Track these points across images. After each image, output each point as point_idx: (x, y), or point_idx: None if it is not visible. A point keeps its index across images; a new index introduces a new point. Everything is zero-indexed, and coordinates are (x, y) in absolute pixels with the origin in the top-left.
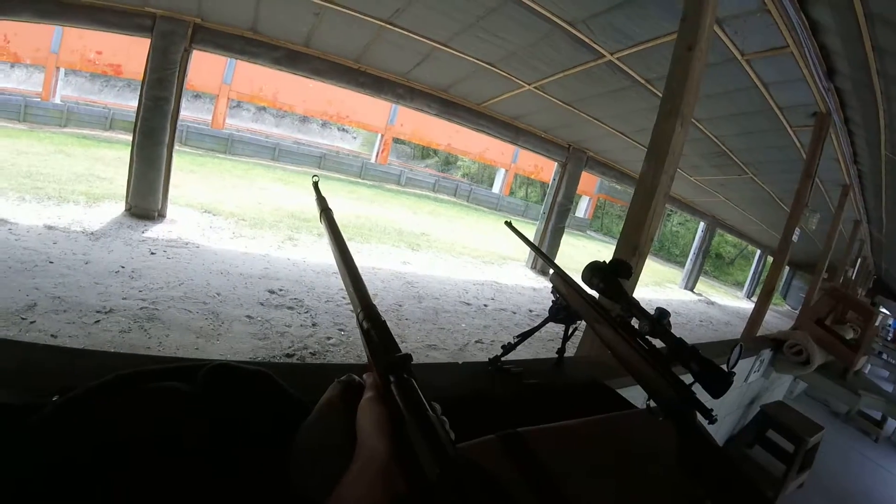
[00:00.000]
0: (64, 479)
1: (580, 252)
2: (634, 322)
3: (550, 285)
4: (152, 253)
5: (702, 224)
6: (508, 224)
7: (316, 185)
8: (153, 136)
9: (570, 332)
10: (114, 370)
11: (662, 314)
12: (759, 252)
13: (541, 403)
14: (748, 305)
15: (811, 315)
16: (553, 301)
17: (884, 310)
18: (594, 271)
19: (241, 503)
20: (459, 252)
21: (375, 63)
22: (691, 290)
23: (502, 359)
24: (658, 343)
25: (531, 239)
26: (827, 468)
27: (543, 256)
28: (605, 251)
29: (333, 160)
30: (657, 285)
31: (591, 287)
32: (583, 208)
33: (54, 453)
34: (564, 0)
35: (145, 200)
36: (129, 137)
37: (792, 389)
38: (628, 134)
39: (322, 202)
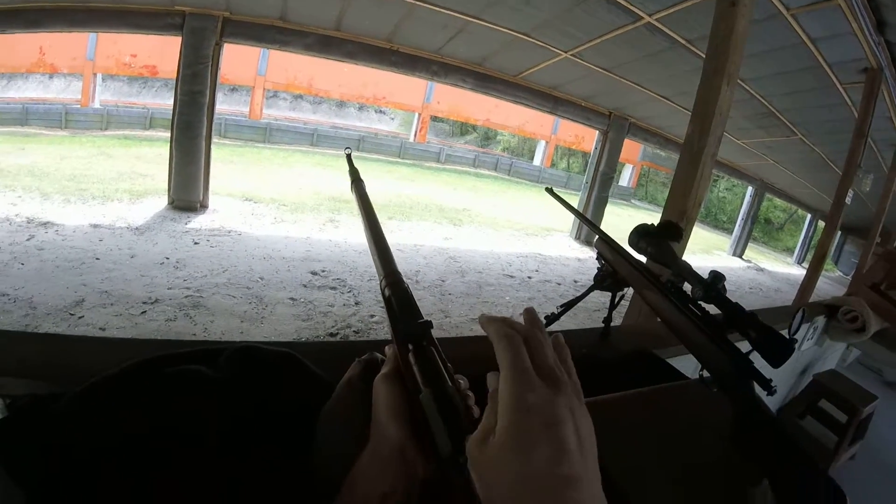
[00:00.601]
0: (88, 473)
1: (625, 221)
2: (686, 288)
3: (595, 255)
4: (195, 243)
5: (749, 189)
6: (549, 190)
7: (349, 156)
8: (190, 129)
9: (616, 300)
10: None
11: (717, 278)
12: (809, 216)
13: (588, 375)
14: (799, 272)
15: (865, 280)
16: (598, 268)
17: None
18: (641, 235)
19: (263, 489)
20: (502, 226)
21: (408, 41)
22: (740, 256)
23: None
24: (713, 310)
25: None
26: (880, 439)
27: (587, 221)
28: (650, 219)
29: (372, 142)
30: (705, 252)
31: (639, 252)
32: (626, 177)
33: (73, 443)
34: None
35: (187, 193)
36: (168, 134)
37: (845, 358)
38: (671, 98)
39: (354, 173)
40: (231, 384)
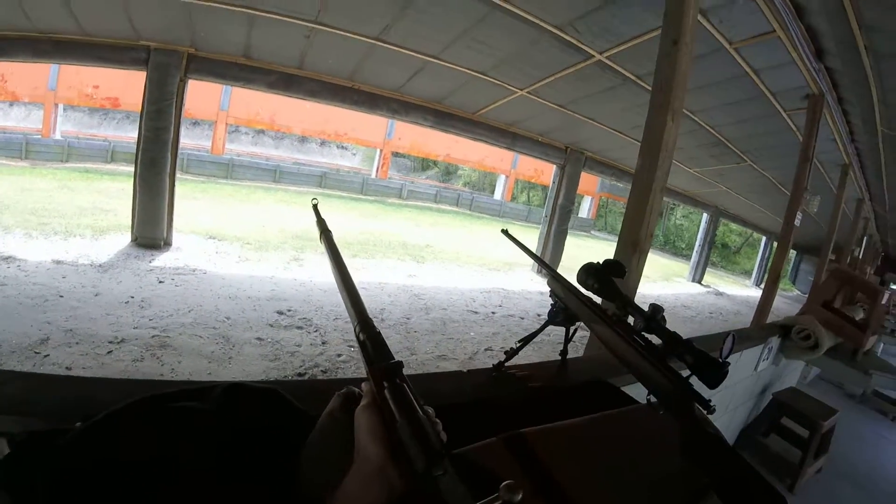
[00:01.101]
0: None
1: (585, 252)
2: (631, 320)
3: (549, 293)
4: (160, 281)
5: (705, 215)
6: (505, 232)
7: (315, 207)
8: (154, 166)
9: (570, 333)
10: (129, 395)
11: (656, 310)
12: (764, 239)
13: (546, 405)
14: (757, 293)
15: (818, 298)
16: (552, 305)
17: (895, 286)
18: (588, 273)
19: None
20: (465, 261)
21: (369, 80)
22: (699, 282)
23: (506, 364)
24: (656, 340)
25: (535, 243)
26: (844, 451)
27: (539, 261)
28: (609, 250)
29: (334, 178)
30: (665, 280)
31: (587, 288)
32: (585, 208)
33: (82, 472)
34: (549, 4)
35: (150, 230)
36: (131, 168)
37: (805, 374)
38: (624, 131)
39: (322, 224)
40: (220, 417)
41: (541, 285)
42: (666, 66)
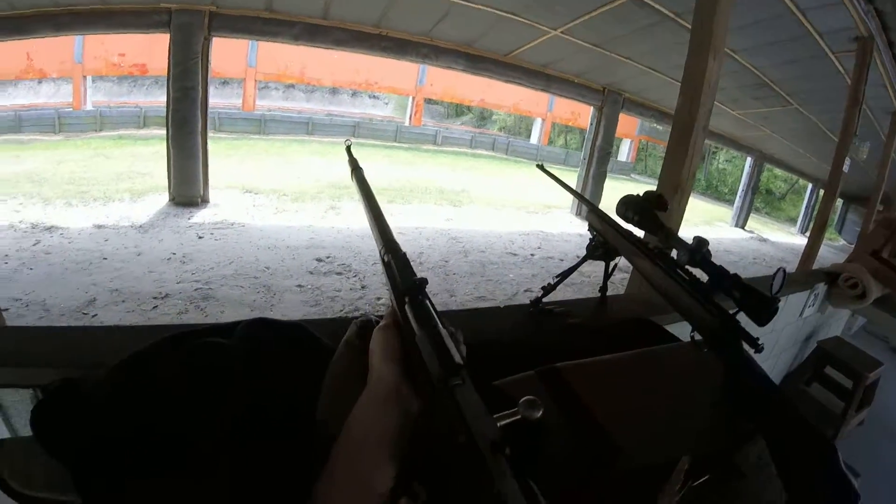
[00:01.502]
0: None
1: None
2: (675, 254)
3: (587, 227)
4: (200, 237)
5: (749, 160)
6: (541, 167)
7: (348, 148)
8: (186, 125)
9: (610, 269)
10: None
11: (701, 243)
12: (810, 186)
13: (584, 342)
14: (802, 241)
15: (866, 247)
16: (590, 239)
17: None
18: (628, 205)
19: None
20: (502, 205)
21: (396, 25)
22: (742, 227)
23: (544, 300)
24: (700, 275)
25: (573, 186)
26: (888, 405)
27: (577, 195)
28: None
29: (367, 127)
30: (707, 224)
31: (627, 221)
32: (625, 152)
33: (111, 414)
34: None
35: (187, 188)
36: (164, 132)
37: (850, 325)
38: (663, 71)
39: (353, 162)
40: (245, 349)
41: (580, 227)
42: (706, 2)
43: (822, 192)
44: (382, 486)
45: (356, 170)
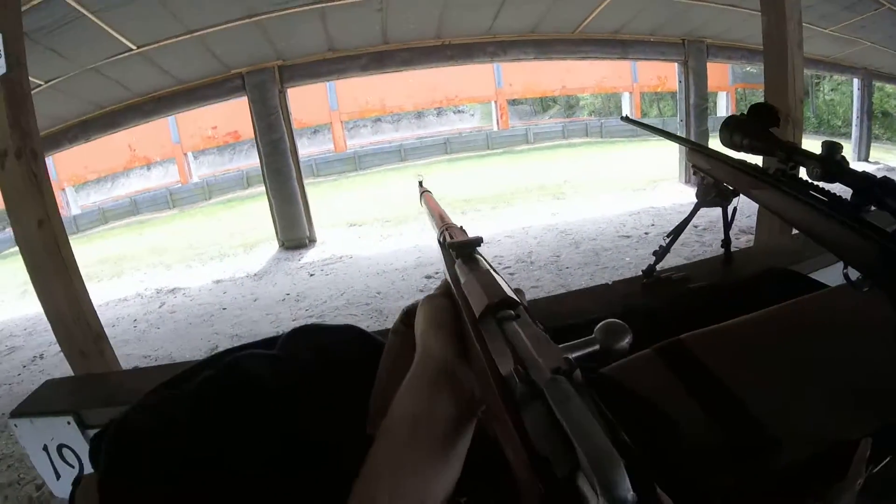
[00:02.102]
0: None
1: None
2: (804, 173)
3: (692, 171)
4: (311, 275)
5: (855, 81)
6: (626, 118)
7: (420, 182)
8: (280, 174)
9: (730, 215)
10: None
11: (832, 148)
12: None
13: (712, 307)
14: None
15: None
16: (699, 183)
17: None
18: (733, 128)
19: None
20: (606, 188)
21: (456, 31)
22: (866, 159)
23: (657, 266)
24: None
25: (675, 154)
26: None
27: (669, 135)
28: None
29: (458, 142)
30: None
31: (736, 148)
32: (722, 106)
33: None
34: None
35: (293, 232)
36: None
37: None
38: (741, 3)
39: (421, 187)
40: (288, 356)
41: (690, 196)
42: None
43: None
44: (435, 495)
45: (423, 193)
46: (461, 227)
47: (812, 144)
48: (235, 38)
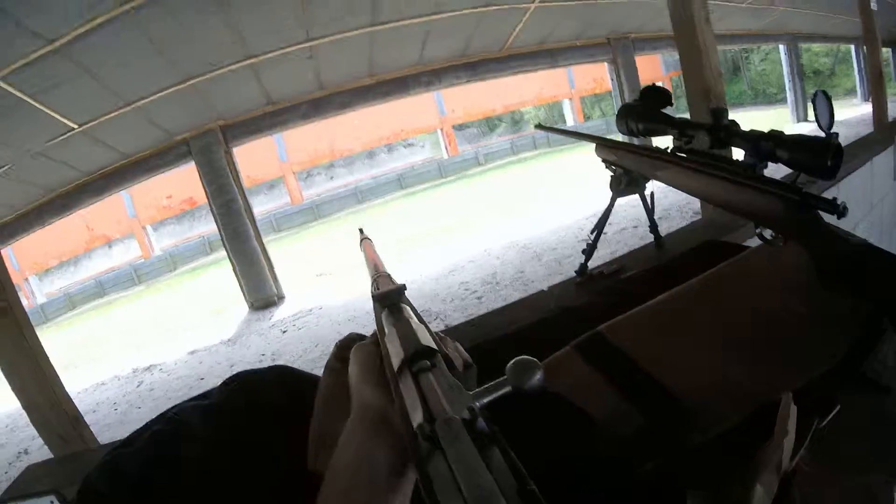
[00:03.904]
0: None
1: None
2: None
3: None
4: (283, 332)
5: (781, 48)
6: (539, 125)
7: (360, 230)
8: (239, 235)
9: (649, 201)
10: None
11: (718, 113)
12: (853, 47)
13: (647, 293)
14: (869, 107)
15: None
16: (611, 175)
17: None
18: (627, 115)
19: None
20: (560, 196)
21: (387, 67)
22: (805, 119)
23: (588, 263)
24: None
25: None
26: None
27: (576, 135)
28: None
29: (411, 175)
30: None
31: (633, 134)
32: None
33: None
34: None
35: (261, 292)
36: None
37: None
38: None
39: (361, 234)
40: (224, 405)
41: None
42: None
43: (864, 48)
44: None
45: (363, 241)
46: (389, 275)
47: (752, 116)
48: (174, 104)
